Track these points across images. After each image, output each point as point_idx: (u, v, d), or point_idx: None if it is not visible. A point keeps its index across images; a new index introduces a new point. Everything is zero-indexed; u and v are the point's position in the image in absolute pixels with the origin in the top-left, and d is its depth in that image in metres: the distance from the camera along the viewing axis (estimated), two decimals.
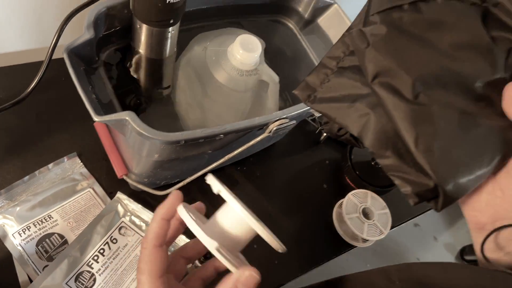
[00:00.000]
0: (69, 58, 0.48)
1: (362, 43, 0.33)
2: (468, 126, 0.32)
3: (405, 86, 0.32)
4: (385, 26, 0.33)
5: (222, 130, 0.50)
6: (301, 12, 0.69)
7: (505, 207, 0.35)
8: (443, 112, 0.31)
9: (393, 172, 0.33)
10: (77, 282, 0.56)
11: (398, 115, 0.31)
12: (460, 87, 0.32)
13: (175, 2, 0.49)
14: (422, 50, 0.32)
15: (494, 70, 0.33)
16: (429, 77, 0.32)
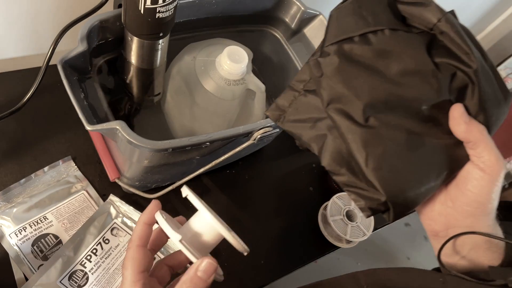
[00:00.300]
0: (63, 70, 0.51)
1: (318, 72, 0.37)
2: (415, 145, 0.35)
3: (356, 111, 0.35)
4: (337, 57, 0.36)
5: (208, 138, 0.53)
6: (288, 22, 0.71)
7: (455, 217, 0.39)
8: (391, 133, 0.35)
9: (348, 187, 0.37)
10: (70, 280, 0.59)
11: (350, 137, 0.35)
12: (407, 110, 0.35)
13: (165, 17, 0.52)
14: (371, 78, 0.35)
15: (438, 94, 0.36)
16: (377, 102, 0.35)
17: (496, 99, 0.38)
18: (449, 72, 0.36)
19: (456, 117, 0.36)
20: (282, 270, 0.74)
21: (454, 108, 0.36)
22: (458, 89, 0.37)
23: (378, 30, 0.36)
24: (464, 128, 0.36)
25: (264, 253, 0.74)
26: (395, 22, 0.37)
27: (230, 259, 0.69)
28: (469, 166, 0.38)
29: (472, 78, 0.36)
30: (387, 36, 0.36)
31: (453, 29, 0.36)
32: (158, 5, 0.50)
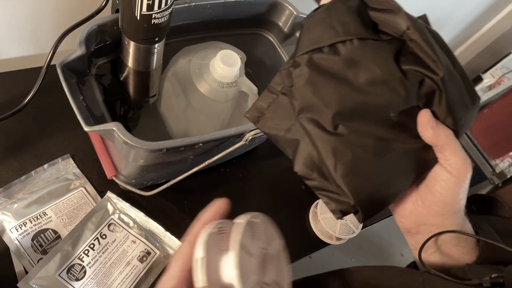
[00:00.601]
0: (62, 73, 0.53)
1: (289, 82, 0.39)
2: (383, 150, 0.37)
3: (325, 120, 0.37)
4: (307, 67, 0.38)
5: (201, 140, 0.55)
6: (281, 26, 0.74)
7: (425, 215, 0.41)
8: (359, 140, 0.37)
9: (319, 191, 0.39)
10: (68, 274, 0.62)
11: (320, 144, 0.37)
12: (375, 117, 0.37)
13: (160, 23, 0.54)
14: (340, 87, 0.37)
15: (406, 101, 0.38)
16: (346, 110, 0.37)
17: (464, 103, 0.40)
18: (417, 79, 0.38)
19: (424, 122, 0.38)
20: None
21: (421, 113, 0.38)
22: (426, 95, 0.38)
23: (346, 40, 0.38)
24: (431, 133, 0.38)
25: None
26: (364, 31, 0.38)
27: None
28: (437, 168, 0.40)
29: (439, 85, 0.38)
30: (355, 46, 0.38)
31: (421, 36, 0.37)
32: (154, 11, 0.52)
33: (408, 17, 0.38)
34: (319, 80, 0.37)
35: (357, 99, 0.37)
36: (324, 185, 0.38)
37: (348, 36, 0.38)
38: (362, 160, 0.37)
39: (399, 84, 0.38)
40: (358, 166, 0.37)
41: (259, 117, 0.42)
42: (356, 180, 0.37)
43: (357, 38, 0.38)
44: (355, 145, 0.37)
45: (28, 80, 0.74)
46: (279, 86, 0.41)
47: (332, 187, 0.38)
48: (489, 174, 1.93)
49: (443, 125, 0.39)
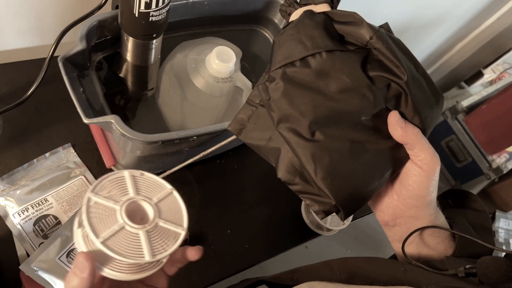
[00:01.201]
0: (63, 67, 0.56)
1: (266, 96, 0.42)
2: (358, 152, 0.40)
3: (303, 128, 0.40)
4: (282, 81, 0.41)
5: (196, 133, 0.58)
6: (276, 22, 0.76)
7: (401, 208, 0.45)
8: (335, 144, 0.40)
9: (303, 194, 0.43)
10: (68, 257, 0.65)
11: (299, 151, 0.40)
12: (348, 122, 0.41)
13: (157, 20, 0.56)
14: (313, 97, 0.40)
15: (374, 104, 0.41)
16: (321, 118, 0.40)
17: (429, 103, 0.43)
18: (383, 84, 0.41)
19: (393, 123, 0.41)
20: (265, 254, 0.79)
21: (390, 115, 0.42)
22: (394, 98, 0.42)
23: (316, 53, 0.41)
24: (400, 132, 0.41)
25: (248, 238, 0.79)
26: (331, 43, 0.41)
27: (216, 242, 0.75)
28: (409, 164, 0.43)
29: (404, 88, 0.41)
30: (324, 58, 0.41)
31: (384, 45, 0.41)
32: (151, 9, 0.54)
33: (370, 27, 0.41)
34: (294, 92, 0.41)
35: (330, 106, 0.41)
36: (306, 189, 0.42)
37: (316, 50, 0.41)
38: (340, 163, 0.40)
39: (368, 90, 0.41)
40: (336, 169, 0.40)
41: (241, 129, 0.45)
42: (335, 182, 0.40)
43: (325, 51, 0.41)
44: (332, 149, 0.40)
45: (31, 71, 0.77)
46: (257, 99, 0.44)
47: (314, 190, 0.41)
48: (486, 169, 1.95)
49: (411, 124, 0.42)
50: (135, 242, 0.37)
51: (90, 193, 0.38)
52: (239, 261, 0.77)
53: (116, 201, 0.38)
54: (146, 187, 0.41)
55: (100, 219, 0.36)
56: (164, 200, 0.41)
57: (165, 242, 0.38)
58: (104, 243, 0.35)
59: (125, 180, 0.40)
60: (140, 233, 0.38)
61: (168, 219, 0.40)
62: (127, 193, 0.39)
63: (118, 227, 0.37)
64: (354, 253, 1.82)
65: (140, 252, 0.37)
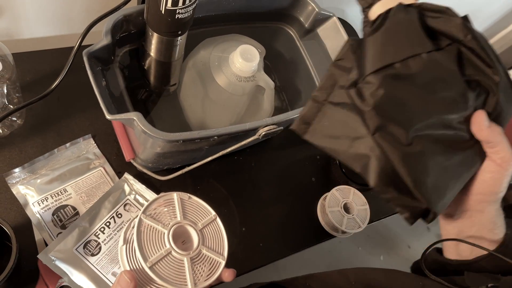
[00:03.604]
0: (88, 61, 0.55)
1: (362, 102, 0.39)
2: (449, 154, 0.40)
3: (402, 135, 0.38)
4: (382, 86, 0.38)
5: (217, 133, 0.58)
6: (302, 21, 0.74)
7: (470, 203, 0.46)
8: (430, 149, 0.39)
9: (393, 202, 0.41)
10: (85, 249, 0.66)
11: (396, 159, 0.38)
12: (442, 126, 0.40)
13: (183, 18, 0.56)
14: (414, 103, 0.39)
15: (467, 106, 0.40)
16: (420, 124, 0.39)
17: (508, 99, 0.42)
18: (476, 85, 0.40)
19: (480, 122, 0.41)
20: (279, 254, 0.79)
21: (477, 115, 0.41)
22: (482, 97, 0.41)
23: (416, 55, 0.38)
24: (487, 132, 0.42)
25: (263, 236, 0.79)
26: (429, 43, 0.39)
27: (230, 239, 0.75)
28: (486, 161, 0.44)
29: (494, 89, 0.40)
30: (424, 59, 0.38)
31: (478, 45, 0.39)
32: (178, 7, 0.53)
33: (464, 25, 0.39)
34: (394, 98, 0.39)
35: (429, 111, 0.39)
36: (397, 196, 0.40)
37: (416, 51, 0.38)
38: (433, 167, 0.40)
39: (464, 92, 0.40)
40: (430, 173, 0.40)
41: (306, 128, 0.43)
42: (429, 186, 0.40)
43: (425, 52, 0.39)
44: (427, 154, 0.39)
45: (55, 60, 0.78)
46: (324, 94, 0.41)
47: (406, 197, 0.40)
48: None
49: (495, 123, 0.42)
50: (179, 269, 0.38)
51: (142, 215, 0.39)
52: (252, 260, 0.77)
53: (164, 224, 0.39)
54: (192, 211, 0.42)
55: (149, 242, 0.37)
56: (207, 226, 0.42)
57: (206, 270, 0.39)
58: (152, 268, 0.36)
59: (174, 203, 0.41)
60: (185, 260, 0.39)
61: (211, 246, 0.41)
62: (175, 217, 0.40)
63: (165, 252, 0.38)
64: (366, 251, 1.82)
65: (183, 279, 0.37)
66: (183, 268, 0.38)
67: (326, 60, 0.73)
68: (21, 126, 0.72)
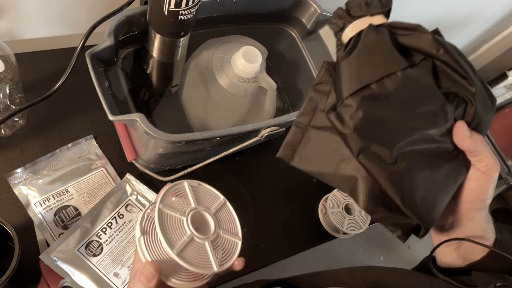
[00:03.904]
0: (91, 62, 0.56)
1: (341, 125, 0.39)
2: (435, 168, 0.40)
3: (386, 155, 0.39)
4: (360, 109, 0.38)
5: (219, 134, 0.58)
6: (304, 22, 0.75)
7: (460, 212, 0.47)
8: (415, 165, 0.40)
9: (384, 221, 0.41)
10: (87, 249, 0.66)
11: (383, 178, 0.39)
12: (425, 141, 0.40)
13: (186, 19, 0.56)
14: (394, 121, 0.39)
15: (447, 119, 0.40)
16: (402, 142, 0.39)
17: (487, 108, 0.42)
18: (453, 97, 0.41)
19: (462, 133, 0.42)
20: (280, 255, 0.79)
21: (458, 126, 0.42)
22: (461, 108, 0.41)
23: (391, 74, 0.39)
24: (469, 141, 0.42)
25: (264, 237, 0.79)
26: (403, 60, 0.39)
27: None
28: (472, 170, 0.45)
29: (471, 99, 0.40)
30: (399, 77, 0.39)
31: (451, 58, 0.39)
32: (181, 8, 0.54)
33: (436, 40, 0.39)
34: (374, 119, 0.39)
35: (410, 128, 0.39)
36: (388, 215, 0.40)
37: (392, 69, 0.39)
38: (420, 183, 0.40)
39: (443, 105, 0.40)
40: (418, 189, 0.40)
41: (293, 154, 0.43)
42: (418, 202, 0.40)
43: (400, 70, 0.39)
44: (413, 171, 0.40)
45: (57, 61, 0.78)
46: (307, 119, 0.42)
47: (396, 215, 0.40)
48: (504, 174, 1.91)
49: (475, 132, 0.43)
50: (202, 253, 0.39)
51: (160, 204, 0.39)
52: (254, 260, 0.77)
53: (181, 211, 0.40)
54: (203, 197, 0.43)
55: (172, 230, 0.38)
56: (220, 210, 0.43)
57: (226, 252, 0.40)
58: (179, 255, 0.37)
59: (186, 191, 0.42)
60: (206, 244, 0.39)
61: (226, 229, 0.42)
62: (189, 204, 0.41)
63: (188, 238, 0.38)
64: (366, 252, 1.82)
65: (208, 262, 0.38)
66: (206, 252, 0.39)
67: None
68: (23, 126, 0.72)
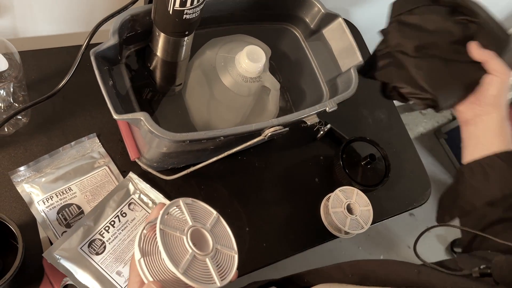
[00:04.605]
0: (95, 61, 0.56)
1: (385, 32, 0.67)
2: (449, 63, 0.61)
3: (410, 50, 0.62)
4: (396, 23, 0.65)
5: (223, 133, 0.58)
6: (307, 22, 0.74)
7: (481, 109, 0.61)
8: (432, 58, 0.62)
9: (409, 95, 0.64)
10: (90, 247, 0.66)
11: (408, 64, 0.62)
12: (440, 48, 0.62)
13: (191, 18, 0.56)
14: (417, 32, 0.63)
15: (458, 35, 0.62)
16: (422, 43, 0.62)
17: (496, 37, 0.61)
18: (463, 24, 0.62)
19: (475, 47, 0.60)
20: (282, 254, 0.79)
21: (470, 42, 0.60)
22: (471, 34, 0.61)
23: (418, 7, 0.64)
24: (479, 52, 0.59)
25: (266, 236, 0.80)
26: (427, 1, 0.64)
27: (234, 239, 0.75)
28: (488, 77, 0.59)
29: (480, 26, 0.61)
30: (423, 8, 0.64)
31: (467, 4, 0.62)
32: (186, 7, 0.54)
33: None
34: (404, 29, 0.64)
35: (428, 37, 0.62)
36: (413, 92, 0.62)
37: (418, 4, 0.64)
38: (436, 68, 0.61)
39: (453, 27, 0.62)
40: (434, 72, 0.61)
41: None
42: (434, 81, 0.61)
43: (423, 5, 0.64)
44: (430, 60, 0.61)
45: (60, 59, 0.78)
46: None
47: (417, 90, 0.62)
48: None
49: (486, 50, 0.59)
50: (205, 269, 0.39)
51: (161, 225, 0.39)
52: (256, 259, 0.77)
53: (181, 230, 0.41)
54: (198, 213, 0.44)
55: (173, 250, 0.38)
56: (215, 226, 0.44)
57: (225, 266, 0.41)
58: (184, 273, 0.38)
59: (182, 209, 0.43)
60: (207, 260, 0.40)
61: (222, 243, 0.43)
62: (187, 222, 0.42)
63: (190, 256, 0.39)
64: (366, 251, 1.82)
65: (210, 278, 0.39)
66: (208, 268, 0.40)
67: (331, 61, 0.73)
68: (26, 124, 0.72)
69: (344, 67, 0.71)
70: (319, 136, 0.90)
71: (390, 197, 0.92)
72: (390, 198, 0.92)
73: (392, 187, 0.92)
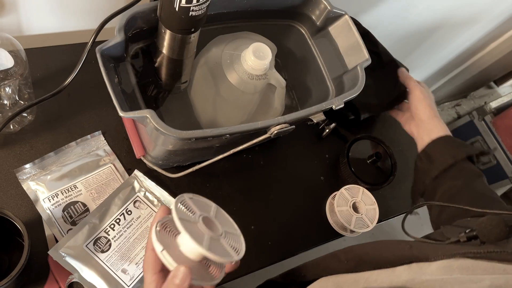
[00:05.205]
0: (101, 58, 0.55)
1: None
2: None
3: None
4: None
5: (229, 131, 0.57)
6: (314, 19, 0.74)
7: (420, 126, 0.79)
8: None
9: None
10: (95, 245, 0.66)
11: None
12: None
13: (197, 15, 0.55)
14: None
15: None
16: None
17: None
18: None
19: None
20: (287, 253, 0.79)
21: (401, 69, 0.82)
22: None
23: None
24: None
25: (272, 235, 0.79)
26: None
27: None
28: None
29: None
30: None
31: None
32: (192, 4, 0.53)
33: None
34: None
35: None
36: None
37: None
38: None
39: None
40: None
41: None
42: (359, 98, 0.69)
43: None
44: None
45: (66, 56, 0.77)
46: None
47: None
48: (510, 173, 1.91)
49: None
50: (221, 247, 0.43)
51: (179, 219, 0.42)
52: (261, 258, 0.77)
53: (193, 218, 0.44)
54: (200, 205, 0.47)
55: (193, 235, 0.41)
56: (216, 214, 0.48)
57: (235, 244, 0.45)
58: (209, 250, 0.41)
59: (188, 202, 0.46)
60: (221, 240, 0.44)
61: (227, 227, 0.47)
62: (194, 212, 0.45)
63: (207, 237, 0.43)
64: None
65: (228, 253, 0.43)
66: (223, 246, 0.43)
67: (337, 59, 0.72)
68: (32, 122, 0.72)
69: (351, 64, 0.70)
70: (325, 134, 0.89)
71: (396, 195, 0.92)
72: (395, 196, 0.92)
73: (398, 185, 0.91)
